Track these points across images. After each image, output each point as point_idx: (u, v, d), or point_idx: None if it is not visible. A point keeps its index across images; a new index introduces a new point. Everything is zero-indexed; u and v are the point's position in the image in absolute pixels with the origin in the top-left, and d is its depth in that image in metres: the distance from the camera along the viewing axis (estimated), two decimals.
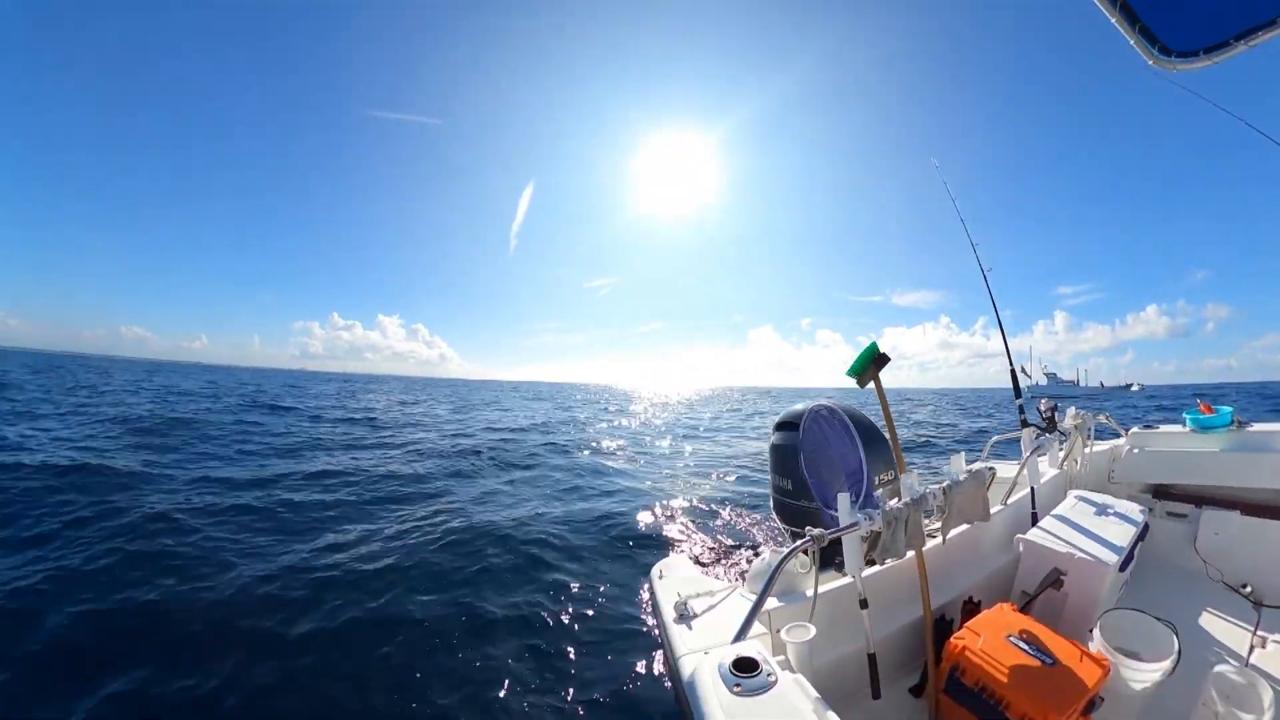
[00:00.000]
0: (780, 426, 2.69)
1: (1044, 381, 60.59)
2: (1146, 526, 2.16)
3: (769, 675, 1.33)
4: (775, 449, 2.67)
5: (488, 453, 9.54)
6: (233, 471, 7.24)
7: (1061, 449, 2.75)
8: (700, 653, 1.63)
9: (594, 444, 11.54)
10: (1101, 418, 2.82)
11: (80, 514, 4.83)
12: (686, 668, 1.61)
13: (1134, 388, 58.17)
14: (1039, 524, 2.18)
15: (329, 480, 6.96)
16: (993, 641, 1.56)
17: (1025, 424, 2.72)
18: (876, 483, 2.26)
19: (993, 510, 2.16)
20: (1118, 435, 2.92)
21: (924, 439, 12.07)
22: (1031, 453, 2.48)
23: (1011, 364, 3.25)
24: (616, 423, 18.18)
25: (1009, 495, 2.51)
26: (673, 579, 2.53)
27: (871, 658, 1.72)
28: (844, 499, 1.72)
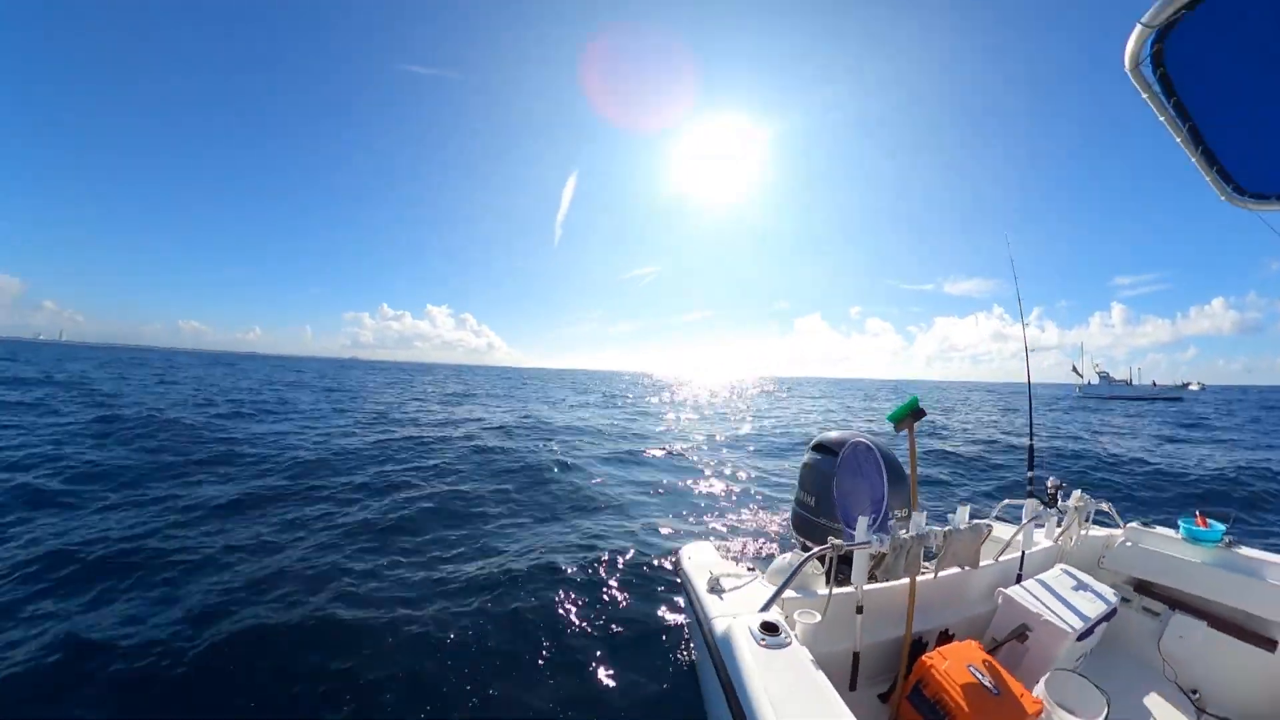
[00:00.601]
0: (818, 449, 3.03)
1: (1095, 380, 56.98)
2: (1115, 610, 2.37)
3: (786, 639, 1.77)
4: (809, 468, 3.03)
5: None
6: None
7: (1059, 526, 2.99)
8: (731, 616, 1.99)
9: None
10: (1104, 506, 3.01)
11: None
12: (720, 626, 1.97)
13: (1193, 386, 53.03)
14: (1021, 583, 2.43)
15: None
16: (956, 667, 1.86)
17: (1031, 494, 2.98)
18: (893, 515, 2.59)
19: (983, 563, 2.47)
20: (1116, 525, 3.12)
21: (962, 456, 11.77)
22: (1029, 521, 2.74)
23: (1032, 441, 3.48)
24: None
25: (1001, 553, 2.77)
26: (700, 560, 2.89)
27: (856, 656, 2.11)
28: (863, 520, 2.11)
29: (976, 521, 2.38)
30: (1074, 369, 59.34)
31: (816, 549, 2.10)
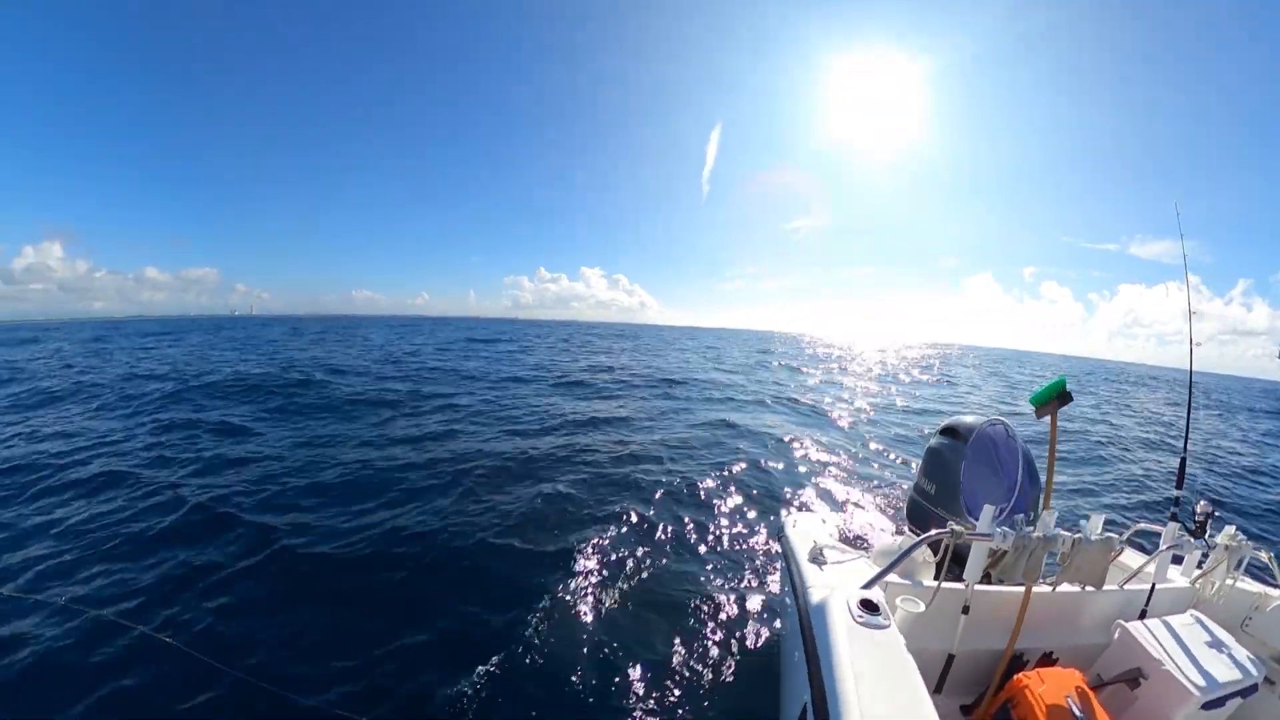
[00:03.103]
0: (947, 432, 2.83)
1: None
2: (1256, 687, 1.99)
3: (884, 619, 1.69)
4: (934, 452, 2.84)
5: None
6: None
7: (1199, 565, 2.55)
8: (830, 588, 1.89)
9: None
10: (1264, 556, 2.45)
11: None
12: (816, 596, 1.90)
13: None
14: (1144, 619, 2.15)
15: None
16: (1053, 693, 1.75)
17: (1174, 517, 2.57)
18: (1020, 510, 2.39)
19: (1106, 586, 2.23)
20: (1275, 584, 2.54)
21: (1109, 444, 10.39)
22: (1166, 549, 2.37)
23: (1185, 454, 3.03)
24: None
25: (1127, 581, 2.47)
26: (805, 529, 2.80)
27: (950, 657, 2.02)
28: (989, 509, 1.95)
29: (1109, 535, 2.08)
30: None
31: (933, 532, 1.95)
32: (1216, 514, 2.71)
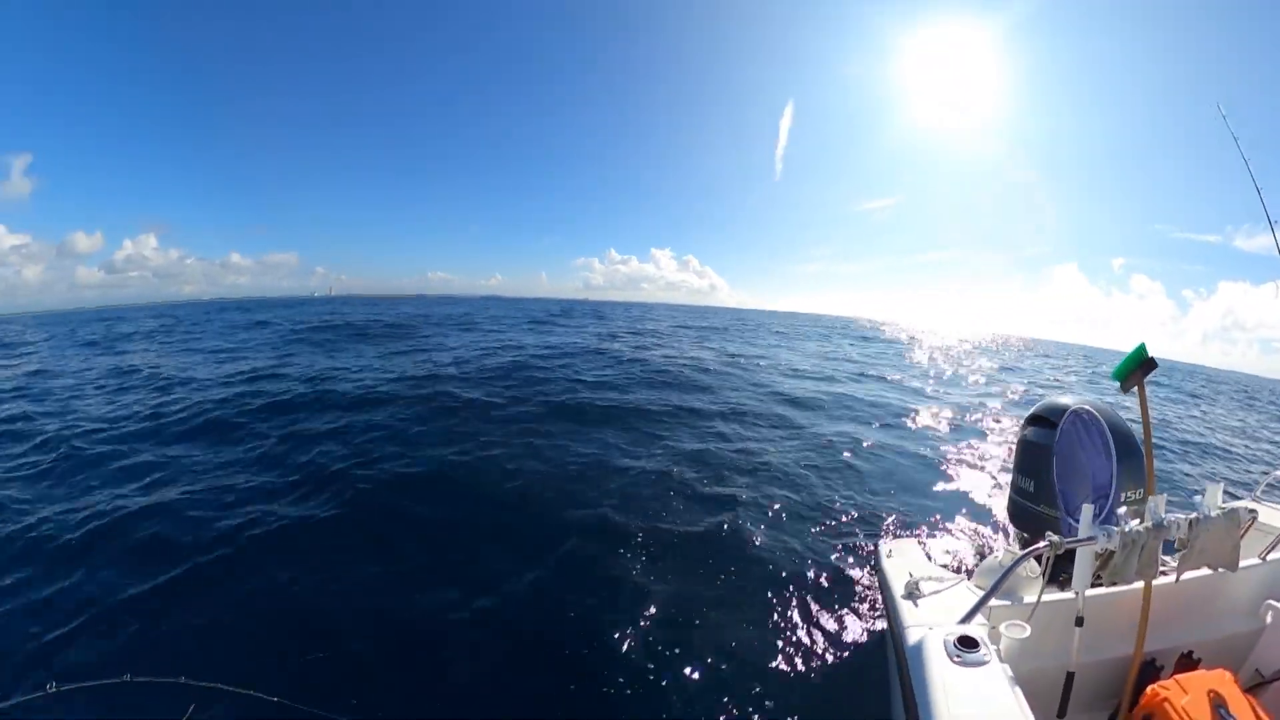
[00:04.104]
0: (1035, 421, 2.60)
1: None
2: None
3: (985, 656, 1.59)
4: (1026, 444, 2.62)
5: None
6: None
7: None
8: (926, 627, 1.81)
9: None
10: None
11: None
12: (912, 637, 1.80)
13: None
14: None
15: None
16: (1198, 706, 1.51)
17: None
18: (1122, 499, 2.19)
19: (1245, 563, 1.93)
20: None
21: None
22: None
23: None
24: None
25: (1271, 550, 2.14)
26: (901, 560, 2.69)
27: (1070, 676, 1.81)
28: (1088, 510, 1.80)
29: (1234, 504, 1.85)
30: None
31: (1025, 550, 1.83)
32: None
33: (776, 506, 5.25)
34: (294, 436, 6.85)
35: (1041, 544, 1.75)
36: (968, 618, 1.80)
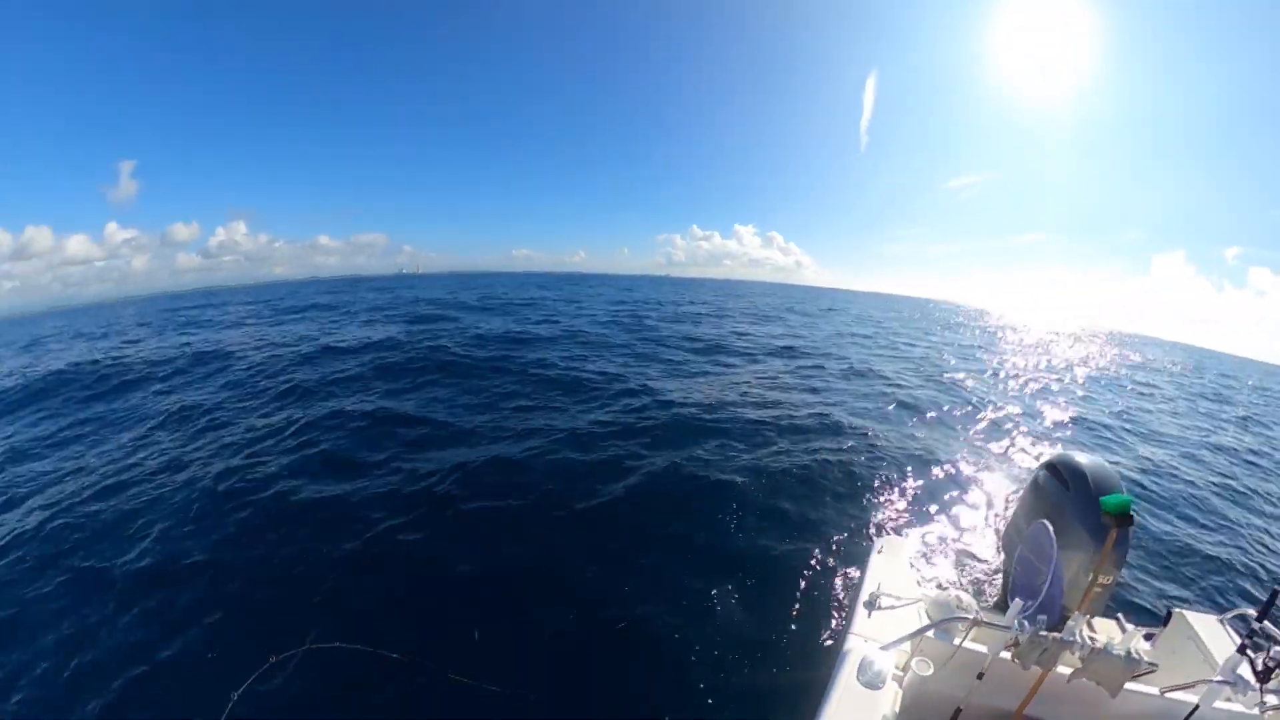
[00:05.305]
0: (1050, 469, 2.67)
1: None
2: None
3: (881, 681, 1.98)
4: (1035, 486, 2.78)
5: None
6: None
7: (1259, 708, 2.13)
8: (861, 639, 2.17)
9: None
10: None
11: None
12: (848, 643, 2.18)
13: None
14: None
15: None
16: None
17: (1244, 650, 2.19)
18: (1058, 603, 2.29)
19: (1142, 688, 2.16)
20: None
21: None
22: (1223, 680, 2.11)
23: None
24: None
25: (1174, 689, 2.21)
26: (885, 559, 2.95)
27: (957, 711, 2.21)
28: (1017, 604, 2.10)
29: (1137, 656, 1.98)
30: None
31: (955, 616, 2.16)
32: None
33: None
34: None
35: (964, 618, 2.12)
36: (889, 645, 2.14)
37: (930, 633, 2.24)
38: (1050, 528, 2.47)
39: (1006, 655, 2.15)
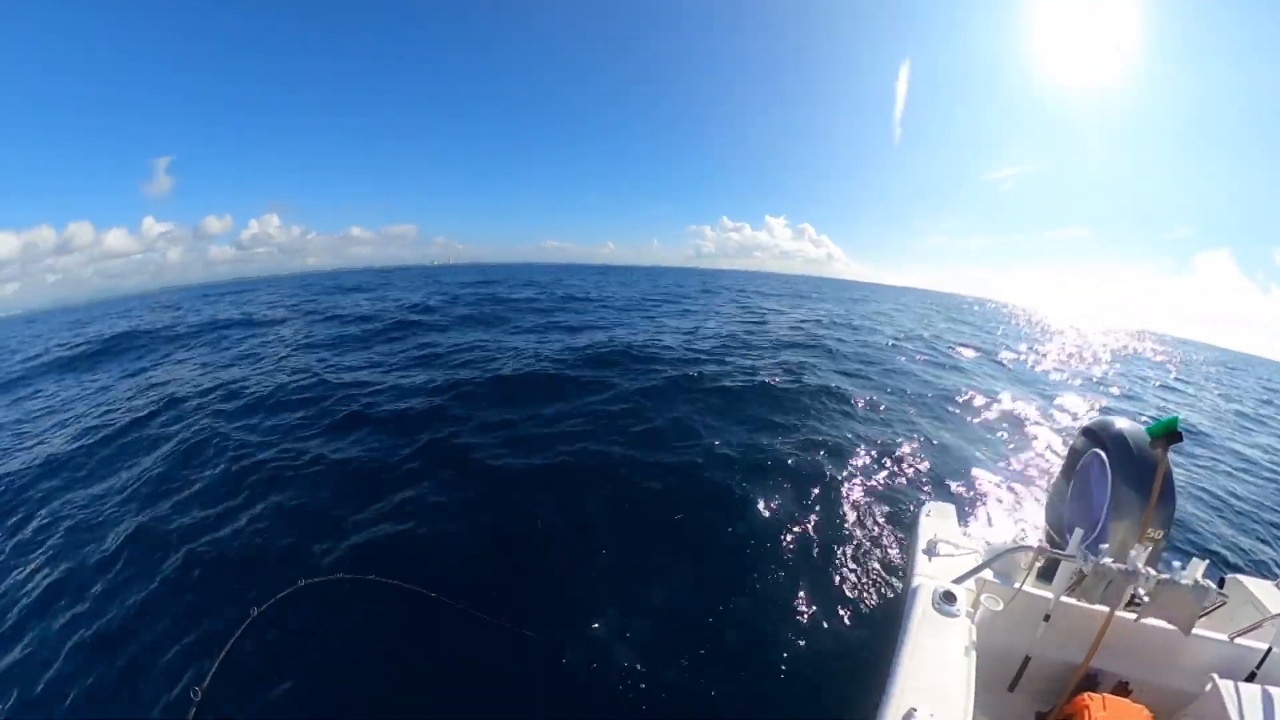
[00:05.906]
0: (1087, 433, 2.75)
1: None
2: None
3: (958, 612, 2.00)
4: (1072, 452, 2.87)
5: None
6: None
7: None
8: (928, 578, 2.22)
9: None
10: None
11: None
12: (915, 582, 2.22)
13: None
14: (1252, 682, 1.89)
15: None
16: None
17: None
18: (1112, 537, 2.33)
19: (1212, 634, 2.14)
20: None
21: None
22: None
23: None
24: None
25: (1243, 634, 2.18)
26: (935, 520, 3.04)
27: (1026, 659, 2.23)
28: (1078, 533, 2.10)
29: (1205, 584, 1.93)
30: None
31: (1017, 546, 2.18)
32: None
33: None
34: None
35: (1030, 546, 2.14)
36: (959, 580, 2.18)
37: (994, 577, 2.25)
38: (1104, 455, 2.47)
39: (1071, 601, 2.15)
